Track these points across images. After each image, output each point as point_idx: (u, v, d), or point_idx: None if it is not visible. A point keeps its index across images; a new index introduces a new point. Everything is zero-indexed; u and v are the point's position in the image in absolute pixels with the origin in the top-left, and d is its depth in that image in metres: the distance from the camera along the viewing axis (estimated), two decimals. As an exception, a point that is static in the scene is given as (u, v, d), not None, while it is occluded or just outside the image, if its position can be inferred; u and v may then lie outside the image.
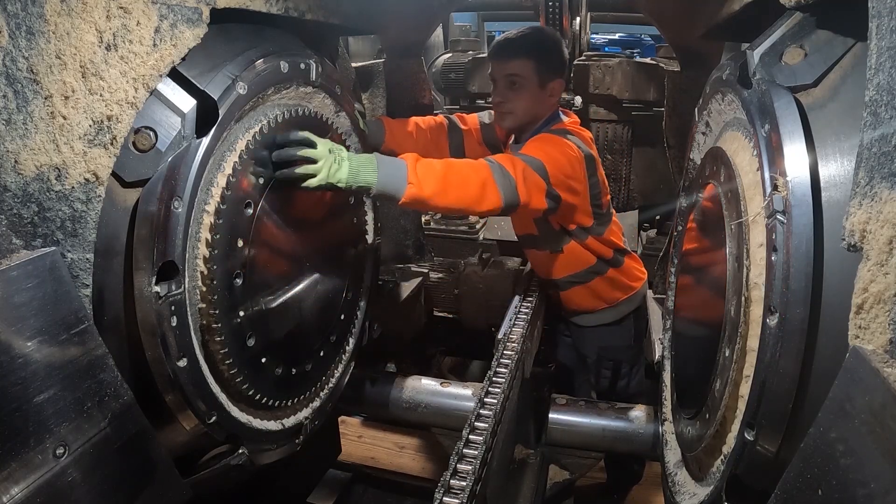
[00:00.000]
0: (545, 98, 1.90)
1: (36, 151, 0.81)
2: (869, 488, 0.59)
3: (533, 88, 1.86)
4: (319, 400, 1.68)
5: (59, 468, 0.84)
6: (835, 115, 0.90)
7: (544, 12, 2.57)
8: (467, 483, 1.17)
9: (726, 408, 1.10)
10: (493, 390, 1.51)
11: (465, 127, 2.12)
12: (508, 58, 1.85)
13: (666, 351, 1.79)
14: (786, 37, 1.02)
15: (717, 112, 1.37)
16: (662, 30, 2.36)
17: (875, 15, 0.69)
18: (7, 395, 0.77)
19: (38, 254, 0.81)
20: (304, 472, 2.14)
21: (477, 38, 4.52)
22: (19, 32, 0.77)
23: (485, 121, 2.13)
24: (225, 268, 1.21)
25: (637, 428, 1.94)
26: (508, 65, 1.85)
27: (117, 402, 0.94)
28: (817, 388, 0.85)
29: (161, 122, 1.03)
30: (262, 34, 1.30)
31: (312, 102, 1.51)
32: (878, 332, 0.62)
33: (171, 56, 1.02)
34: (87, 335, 0.88)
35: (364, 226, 1.83)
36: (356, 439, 2.78)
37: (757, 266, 1.02)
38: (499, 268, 3.07)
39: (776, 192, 0.91)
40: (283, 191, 1.37)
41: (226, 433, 1.25)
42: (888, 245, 0.61)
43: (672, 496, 1.38)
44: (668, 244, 2.31)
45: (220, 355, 1.22)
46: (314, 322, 1.59)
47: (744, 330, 1.04)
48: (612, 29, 6.48)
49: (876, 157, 0.64)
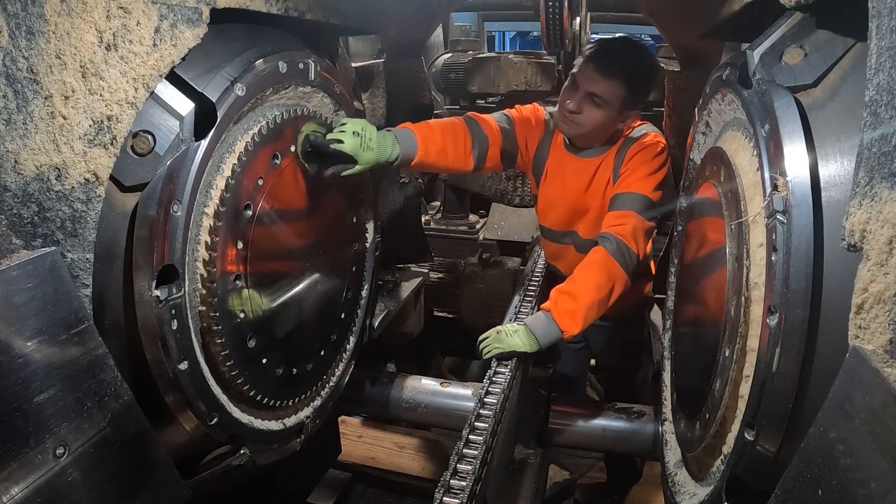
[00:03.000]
0: (617, 124, 1.80)
1: (36, 151, 0.81)
2: (869, 488, 0.59)
3: (612, 113, 1.74)
4: (320, 399, 1.68)
5: (59, 468, 0.84)
6: (835, 115, 0.90)
7: (544, 12, 2.57)
8: (467, 483, 1.17)
9: (726, 408, 1.10)
10: (493, 390, 1.51)
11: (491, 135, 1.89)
12: (603, 76, 1.69)
13: (666, 351, 1.79)
14: (786, 37, 1.02)
15: (717, 112, 1.37)
16: (662, 30, 2.36)
17: (875, 15, 0.69)
18: (7, 395, 0.77)
19: (38, 254, 0.81)
20: (304, 472, 2.14)
21: (477, 38, 4.51)
22: (19, 32, 0.77)
23: (504, 126, 1.93)
24: (225, 270, 1.21)
25: (637, 428, 1.94)
26: (600, 82, 1.70)
27: (117, 402, 0.94)
28: (817, 388, 0.85)
29: (159, 126, 1.03)
30: (260, 34, 1.30)
31: (311, 102, 1.51)
32: (878, 332, 0.62)
33: (171, 56, 1.02)
34: (87, 335, 0.88)
35: (364, 225, 1.83)
36: (356, 439, 2.78)
37: (757, 266, 1.02)
38: (499, 268, 3.07)
39: (776, 192, 0.91)
40: (282, 192, 1.37)
41: (227, 434, 1.25)
42: (888, 245, 0.61)
43: (672, 496, 1.38)
44: (668, 244, 2.31)
45: (220, 357, 1.22)
46: (315, 322, 1.59)
47: (744, 330, 1.04)
48: (612, 29, 6.46)
49: (876, 157, 0.64)
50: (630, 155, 1.79)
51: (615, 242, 1.67)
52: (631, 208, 1.71)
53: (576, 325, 1.64)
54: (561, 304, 1.65)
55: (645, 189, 1.73)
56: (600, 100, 1.71)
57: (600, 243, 1.69)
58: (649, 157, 1.77)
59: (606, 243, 1.67)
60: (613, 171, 1.84)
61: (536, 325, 1.66)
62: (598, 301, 1.64)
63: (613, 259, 1.66)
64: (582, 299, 1.63)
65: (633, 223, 1.69)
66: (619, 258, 1.66)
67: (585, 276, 1.66)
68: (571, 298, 1.64)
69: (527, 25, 9.21)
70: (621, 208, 1.72)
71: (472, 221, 3.49)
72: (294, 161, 1.42)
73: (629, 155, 1.79)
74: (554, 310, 1.65)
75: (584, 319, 1.64)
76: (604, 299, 1.65)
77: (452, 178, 3.44)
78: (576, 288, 1.66)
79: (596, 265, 1.66)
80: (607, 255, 1.66)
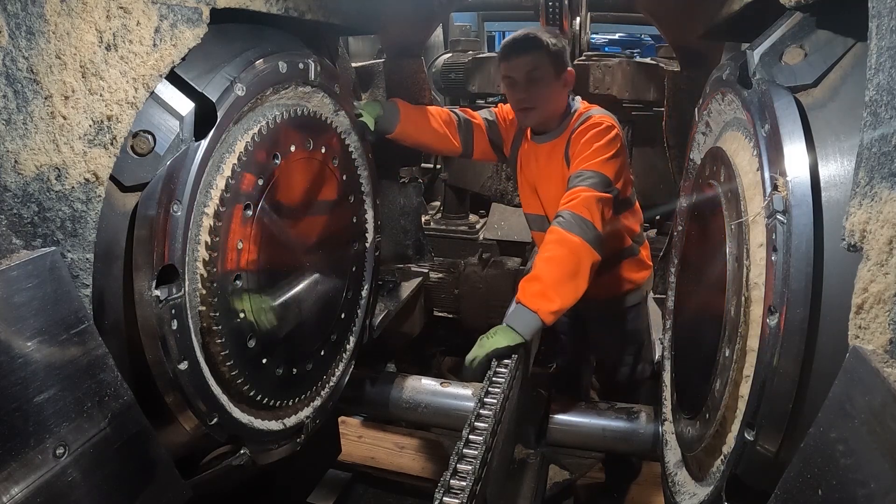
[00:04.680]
0: (562, 88, 1.93)
1: (36, 151, 0.81)
2: (869, 488, 0.59)
3: (550, 80, 1.88)
4: (320, 399, 1.68)
5: (59, 468, 0.84)
6: (835, 115, 0.90)
7: (544, 12, 2.57)
8: (467, 483, 1.17)
9: (726, 408, 1.10)
10: (493, 390, 1.51)
11: (475, 121, 2.15)
12: (524, 53, 1.87)
13: (666, 351, 1.79)
14: (786, 37, 1.02)
15: (717, 112, 1.37)
16: (662, 30, 2.36)
17: (875, 15, 0.69)
18: (7, 395, 0.77)
19: (38, 254, 0.81)
20: (304, 472, 2.14)
21: (477, 38, 4.51)
22: (19, 32, 0.77)
23: (488, 118, 2.16)
24: (225, 270, 1.21)
25: (637, 428, 1.94)
26: (525, 59, 1.86)
27: (117, 402, 0.94)
28: (817, 388, 0.85)
29: (159, 126, 1.03)
30: (260, 34, 1.30)
31: (311, 102, 1.51)
32: (878, 332, 0.62)
33: (171, 56, 1.02)
34: (87, 335, 0.88)
35: (364, 225, 1.83)
36: (356, 439, 2.77)
37: (757, 266, 1.02)
38: (499, 268, 3.07)
39: (776, 192, 0.91)
40: (281, 191, 1.37)
41: (227, 434, 1.25)
42: (888, 245, 0.61)
43: (672, 496, 1.38)
44: (668, 244, 2.31)
45: (220, 357, 1.22)
46: (314, 322, 1.59)
47: (744, 330, 1.04)
48: (612, 29, 6.49)
49: (876, 157, 0.64)
50: (577, 138, 1.86)
51: (567, 216, 1.67)
52: (580, 184, 1.73)
53: (548, 302, 1.61)
54: (527, 290, 1.63)
55: (593, 165, 1.76)
56: (536, 73, 1.85)
57: (553, 223, 1.70)
58: (592, 134, 1.83)
59: (559, 220, 1.68)
60: (565, 157, 1.91)
61: (513, 319, 1.64)
62: (565, 274, 1.62)
63: (568, 231, 1.64)
64: (546, 278, 1.62)
65: (583, 195, 1.70)
66: (575, 229, 1.65)
67: (544, 256, 1.66)
68: (536, 281, 1.63)
69: (527, 25, 9.21)
70: (571, 186, 1.76)
71: (472, 221, 3.49)
72: (294, 161, 1.42)
73: (576, 138, 1.86)
74: (522, 296, 1.64)
75: (557, 297, 1.61)
76: (571, 272, 1.63)
77: (452, 178, 3.44)
78: (538, 270, 1.65)
79: (552, 243, 1.66)
80: (560, 230, 1.65)
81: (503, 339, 1.62)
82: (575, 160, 1.83)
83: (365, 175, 1.80)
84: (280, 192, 1.36)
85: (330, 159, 1.57)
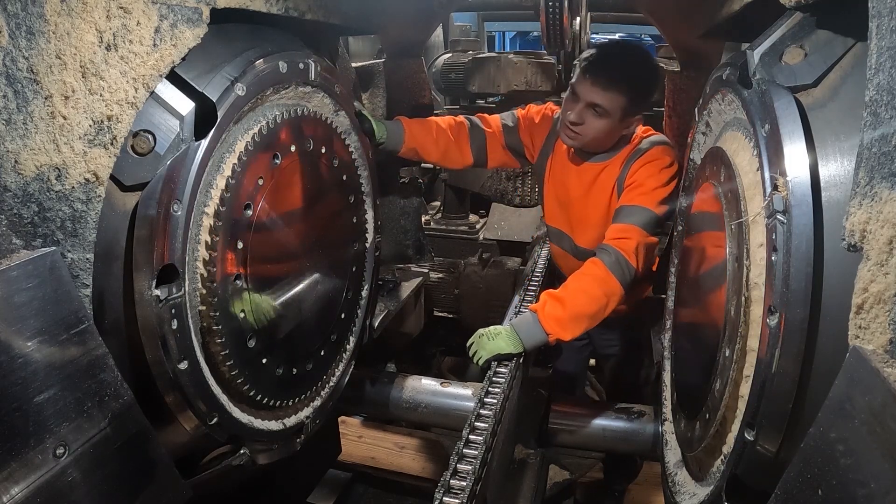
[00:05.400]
0: (619, 131, 1.79)
1: (36, 151, 0.81)
2: (869, 488, 0.59)
3: (614, 122, 1.73)
4: (320, 399, 1.68)
5: (59, 468, 0.84)
6: (835, 115, 0.90)
7: (544, 12, 2.57)
8: (467, 483, 1.17)
9: (726, 408, 1.10)
10: (493, 390, 1.51)
11: (488, 129, 2.03)
12: (603, 88, 1.67)
13: (666, 351, 1.79)
14: (786, 37, 1.02)
15: (717, 112, 1.37)
16: (662, 30, 2.35)
17: (875, 15, 0.69)
18: (7, 395, 0.77)
19: (38, 254, 0.81)
20: (304, 472, 2.14)
21: (477, 38, 4.51)
22: (19, 32, 0.77)
23: (508, 123, 2.04)
24: (225, 270, 1.21)
25: (637, 428, 1.94)
26: (599, 94, 1.68)
27: (117, 402, 0.94)
28: (817, 388, 0.85)
29: (159, 125, 1.03)
30: (260, 34, 1.30)
31: (311, 102, 1.51)
32: (878, 332, 0.62)
33: (171, 56, 1.02)
34: (87, 335, 0.88)
35: (364, 225, 1.83)
36: (356, 439, 2.78)
37: (757, 266, 1.02)
38: (499, 268, 3.07)
39: (776, 192, 0.91)
40: (282, 191, 1.37)
41: (227, 434, 1.25)
42: (888, 245, 0.61)
43: (672, 496, 1.38)
44: (669, 244, 2.31)
45: (220, 357, 1.22)
46: (315, 322, 1.59)
47: (744, 330, 1.04)
48: (612, 29, 6.48)
49: (876, 157, 0.64)
50: (637, 167, 1.77)
51: (615, 256, 1.64)
52: (635, 223, 1.68)
53: (562, 331, 1.62)
54: (549, 308, 1.63)
55: (650, 203, 1.71)
56: (601, 109, 1.69)
57: (599, 255, 1.66)
58: (656, 170, 1.75)
59: (605, 256, 1.65)
60: (618, 182, 1.82)
61: (521, 326, 1.65)
62: (589, 314, 1.63)
63: (611, 273, 1.63)
64: (570, 307, 1.61)
65: (636, 238, 1.66)
66: (618, 273, 1.63)
67: (578, 286, 1.64)
68: (560, 305, 1.62)
69: (527, 25, 9.20)
70: (625, 221, 1.70)
71: (472, 221, 3.49)
72: (294, 161, 1.42)
73: (636, 167, 1.77)
74: (540, 312, 1.63)
75: (571, 328, 1.62)
76: (596, 313, 1.63)
77: (452, 178, 3.44)
78: (567, 295, 1.64)
79: (591, 277, 1.64)
80: (605, 269, 1.63)
81: (506, 345, 1.62)
82: (630, 189, 1.75)
83: (365, 175, 1.80)
84: (280, 192, 1.36)
85: (330, 159, 1.57)
